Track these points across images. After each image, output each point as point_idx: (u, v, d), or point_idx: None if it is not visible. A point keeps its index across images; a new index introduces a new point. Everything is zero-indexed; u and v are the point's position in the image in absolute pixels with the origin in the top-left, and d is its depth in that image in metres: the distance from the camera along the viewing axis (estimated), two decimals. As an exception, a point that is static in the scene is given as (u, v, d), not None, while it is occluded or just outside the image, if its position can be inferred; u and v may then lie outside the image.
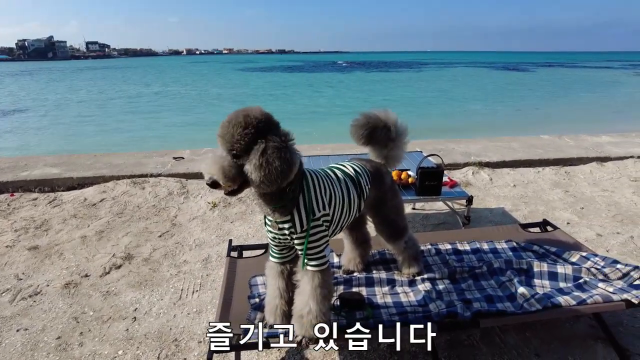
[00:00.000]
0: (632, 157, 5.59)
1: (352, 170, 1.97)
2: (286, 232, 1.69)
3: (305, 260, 1.71)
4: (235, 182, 1.49)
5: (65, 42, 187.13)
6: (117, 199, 4.31)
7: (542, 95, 19.90)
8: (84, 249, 3.35)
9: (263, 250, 2.63)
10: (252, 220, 3.83)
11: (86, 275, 2.97)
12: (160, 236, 3.56)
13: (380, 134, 2.02)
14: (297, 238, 1.69)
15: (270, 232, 1.75)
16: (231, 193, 1.53)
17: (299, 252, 1.73)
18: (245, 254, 2.70)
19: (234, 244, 2.76)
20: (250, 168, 1.45)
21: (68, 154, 6.56)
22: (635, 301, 1.93)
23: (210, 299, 2.66)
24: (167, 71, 51.10)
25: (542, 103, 17.08)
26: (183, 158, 5.70)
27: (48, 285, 2.84)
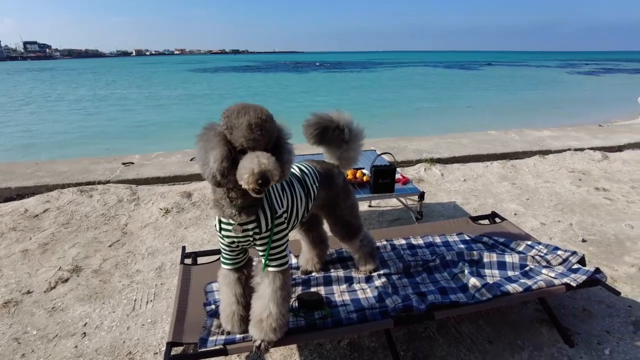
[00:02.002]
0: (569, 149, 5.99)
1: (298, 170, 1.97)
2: (250, 233, 1.64)
3: (267, 262, 1.68)
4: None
5: None
6: (62, 209, 4.07)
7: (489, 94, 20.86)
8: (26, 263, 3.14)
9: (218, 256, 2.57)
10: (206, 225, 3.74)
11: (28, 292, 2.78)
12: (110, 246, 3.40)
13: (332, 135, 2.01)
14: (260, 239, 1.66)
15: (229, 236, 1.68)
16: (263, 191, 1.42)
17: (261, 255, 1.70)
18: (200, 260, 2.63)
19: (188, 250, 2.69)
20: (286, 161, 1.48)
21: (6, 162, 6.13)
22: (573, 284, 2.06)
23: (166, 309, 2.57)
24: (112, 73, 48.89)
25: (490, 100, 17.91)
26: (133, 163, 5.47)
27: (-15, 305, 2.64)
